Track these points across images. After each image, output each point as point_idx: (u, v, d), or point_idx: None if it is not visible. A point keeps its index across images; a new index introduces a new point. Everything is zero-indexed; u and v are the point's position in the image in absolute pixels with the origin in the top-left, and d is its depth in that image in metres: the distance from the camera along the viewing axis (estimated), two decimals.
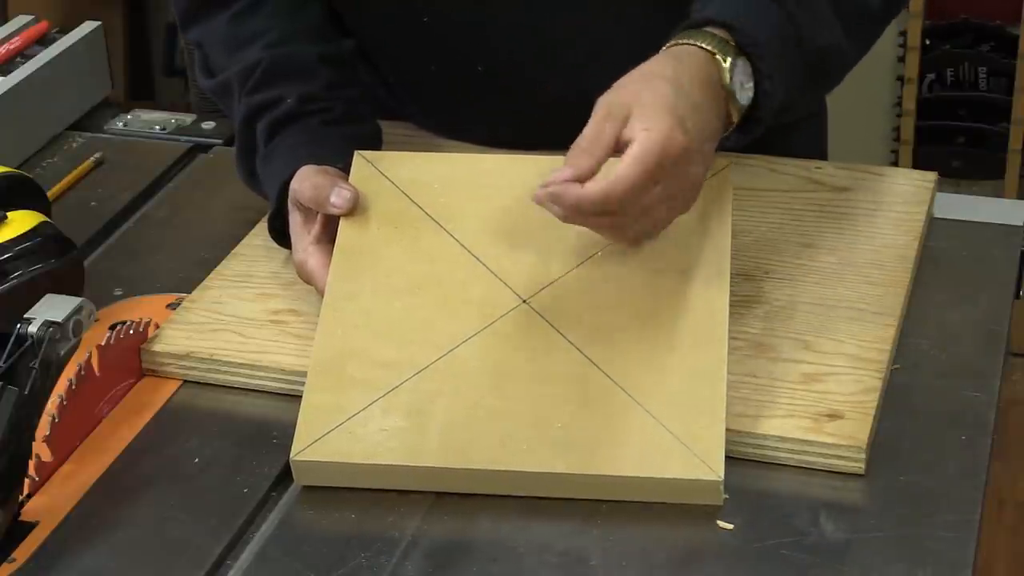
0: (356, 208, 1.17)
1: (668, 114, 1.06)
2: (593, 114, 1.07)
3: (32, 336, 1.03)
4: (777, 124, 1.18)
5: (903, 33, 2.94)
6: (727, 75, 1.11)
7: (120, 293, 1.28)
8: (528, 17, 1.28)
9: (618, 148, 1.06)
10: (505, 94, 1.33)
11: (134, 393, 1.17)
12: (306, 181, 1.18)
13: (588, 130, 1.07)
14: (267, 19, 1.32)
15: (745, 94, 1.12)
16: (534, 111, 1.32)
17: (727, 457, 1.03)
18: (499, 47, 1.30)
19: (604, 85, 1.13)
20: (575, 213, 1.06)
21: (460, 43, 1.32)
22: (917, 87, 2.95)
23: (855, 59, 1.25)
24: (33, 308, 1.05)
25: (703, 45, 1.11)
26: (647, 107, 1.06)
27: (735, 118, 1.13)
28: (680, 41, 1.12)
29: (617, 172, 1.05)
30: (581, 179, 1.05)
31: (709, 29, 1.13)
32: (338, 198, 1.17)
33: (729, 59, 1.11)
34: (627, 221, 1.08)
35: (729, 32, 1.12)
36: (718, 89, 1.11)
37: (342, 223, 1.18)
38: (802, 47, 1.16)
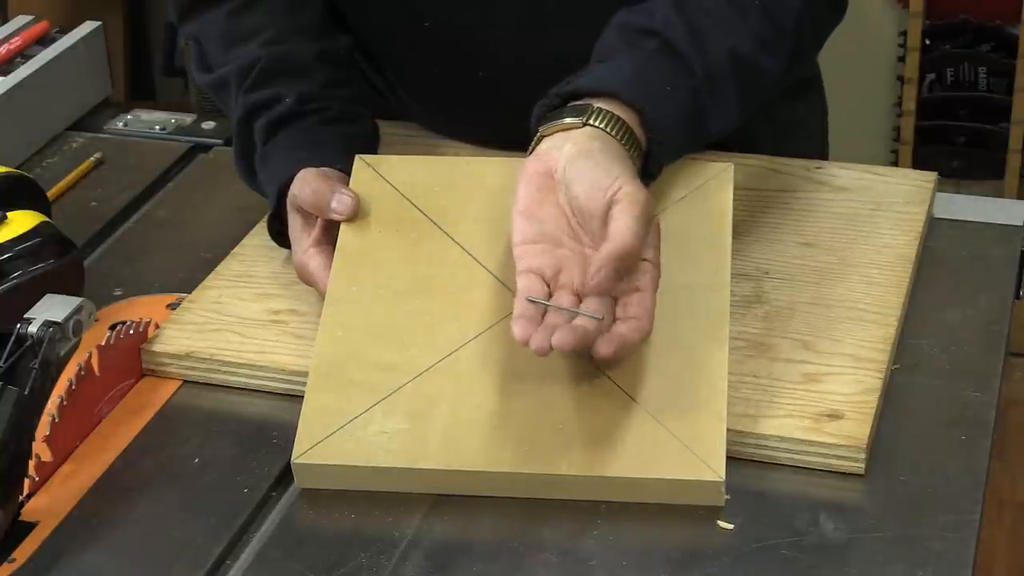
0: (357, 213, 1.17)
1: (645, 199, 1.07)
2: (637, 229, 1.05)
3: (32, 336, 1.03)
4: (771, 126, 1.18)
5: (903, 33, 2.94)
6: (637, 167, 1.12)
7: (120, 293, 1.28)
8: (529, 21, 1.28)
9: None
10: (506, 97, 1.33)
11: (134, 393, 1.17)
12: (306, 186, 1.18)
13: (635, 247, 1.04)
14: (265, 16, 1.31)
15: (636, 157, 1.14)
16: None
17: (727, 457, 1.03)
18: (500, 51, 1.30)
19: None
20: (624, 271, 1.04)
21: (462, 47, 1.32)
22: (917, 87, 2.96)
23: (775, 69, 1.24)
24: (33, 308, 1.05)
25: (618, 138, 1.11)
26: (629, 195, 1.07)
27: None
28: (595, 124, 1.11)
29: (618, 228, 1.04)
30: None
31: (615, 110, 1.12)
32: (339, 204, 1.17)
33: (637, 161, 1.12)
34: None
35: (636, 112, 1.13)
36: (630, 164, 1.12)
37: (343, 226, 1.18)
38: (702, 126, 1.18)
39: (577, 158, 1.09)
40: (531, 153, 1.13)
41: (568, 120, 1.12)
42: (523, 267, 1.07)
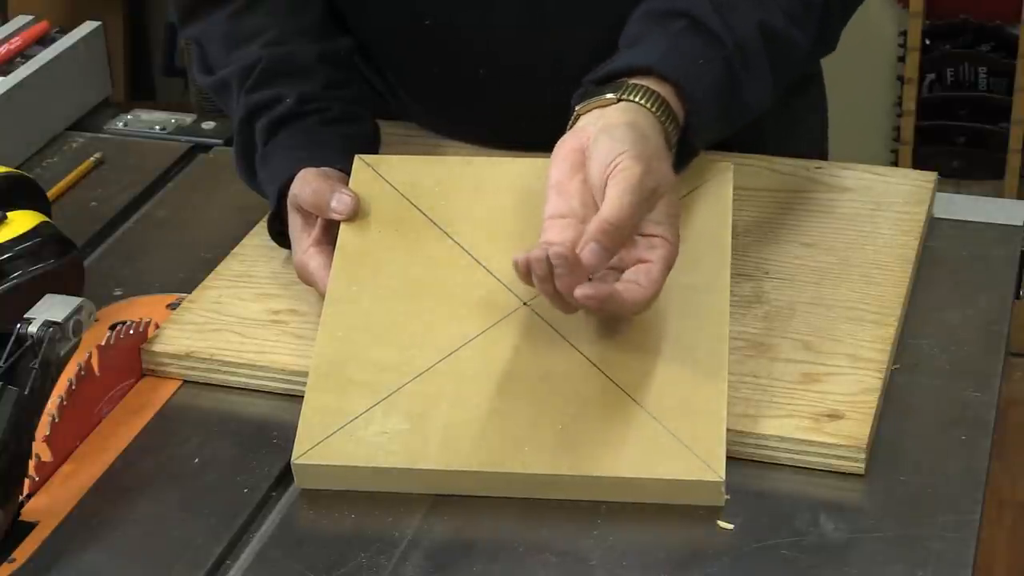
0: (356, 213, 1.18)
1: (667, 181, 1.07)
2: (635, 193, 1.04)
3: (32, 336, 1.03)
4: (771, 126, 1.18)
5: (903, 33, 2.94)
6: (672, 151, 1.12)
7: (120, 293, 1.28)
8: (530, 20, 1.28)
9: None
10: (507, 96, 1.33)
11: (134, 393, 1.17)
12: (307, 186, 1.18)
13: (629, 214, 1.04)
14: (266, 17, 1.31)
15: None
16: (536, 112, 1.32)
17: (727, 457, 1.03)
18: (501, 50, 1.30)
19: None
20: (608, 244, 1.03)
21: (462, 46, 1.32)
22: (917, 87, 2.96)
23: (803, 42, 1.24)
24: (33, 308, 1.05)
25: (655, 112, 1.11)
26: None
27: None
28: (630, 98, 1.11)
29: (606, 200, 1.04)
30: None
31: (651, 84, 1.12)
32: (339, 204, 1.17)
33: (674, 129, 1.12)
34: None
35: (672, 86, 1.13)
36: (669, 156, 1.12)
37: (343, 226, 1.18)
38: (737, 99, 1.18)
39: (601, 134, 1.08)
40: (569, 130, 1.13)
41: (606, 96, 1.12)
42: (543, 240, 1.07)
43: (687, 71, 1.14)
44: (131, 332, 1.17)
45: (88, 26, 1.60)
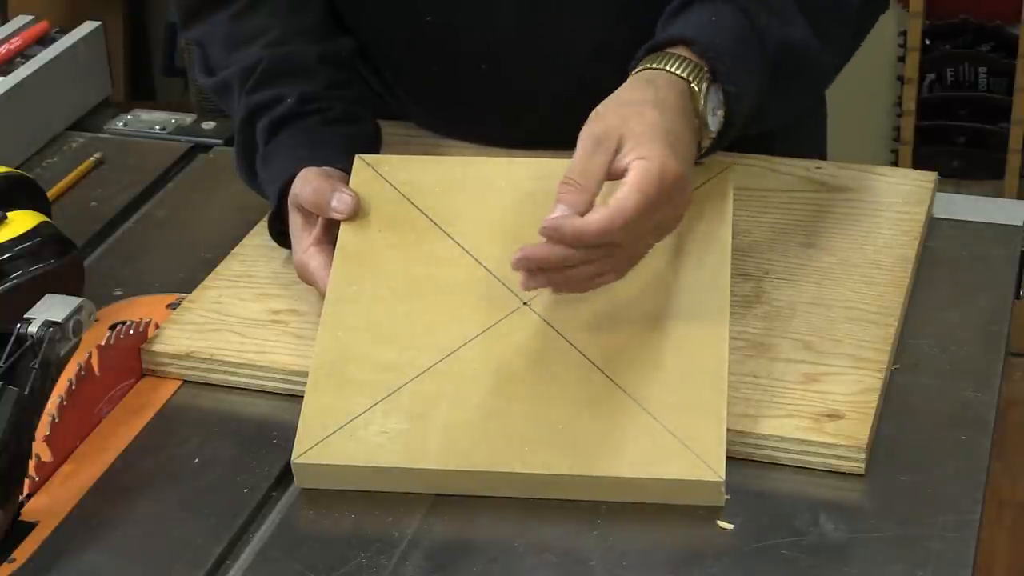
0: (357, 213, 1.18)
1: (661, 141, 1.05)
2: (579, 146, 1.05)
3: (32, 336, 1.03)
4: (759, 132, 1.17)
5: (903, 33, 2.94)
6: (701, 101, 1.10)
7: (120, 293, 1.28)
8: (531, 17, 1.28)
9: (610, 178, 1.05)
10: (507, 94, 1.33)
11: (134, 393, 1.17)
12: (307, 185, 1.18)
13: (577, 163, 1.04)
14: (267, 18, 1.32)
15: (716, 120, 1.12)
16: (536, 111, 1.32)
17: (727, 457, 1.03)
18: (501, 47, 1.30)
19: (606, 85, 1.13)
20: (576, 245, 1.03)
21: (462, 43, 1.32)
22: (917, 87, 2.96)
23: (831, 62, 1.23)
24: (33, 308, 1.05)
25: (675, 71, 1.11)
26: (639, 135, 1.05)
27: (704, 143, 1.13)
28: (650, 66, 1.11)
29: (618, 201, 1.03)
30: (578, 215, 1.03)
31: (672, 50, 1.12)
32: (339, 203, 1.17)
33: (704, 86, 1.11)
34: (621, 252, 1.07)
35: (690, 48, 1.12)
36: (692, 117, 1.11)
37: (343, 225, 1.18)
38: (764, 43, 1.15)
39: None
40: None
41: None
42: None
43: (700, 26, 1.13)
44: (131, 332, 1.17)
45: (88, 26, 1.60)
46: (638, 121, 1.06)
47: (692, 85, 1.10)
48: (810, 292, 1.19)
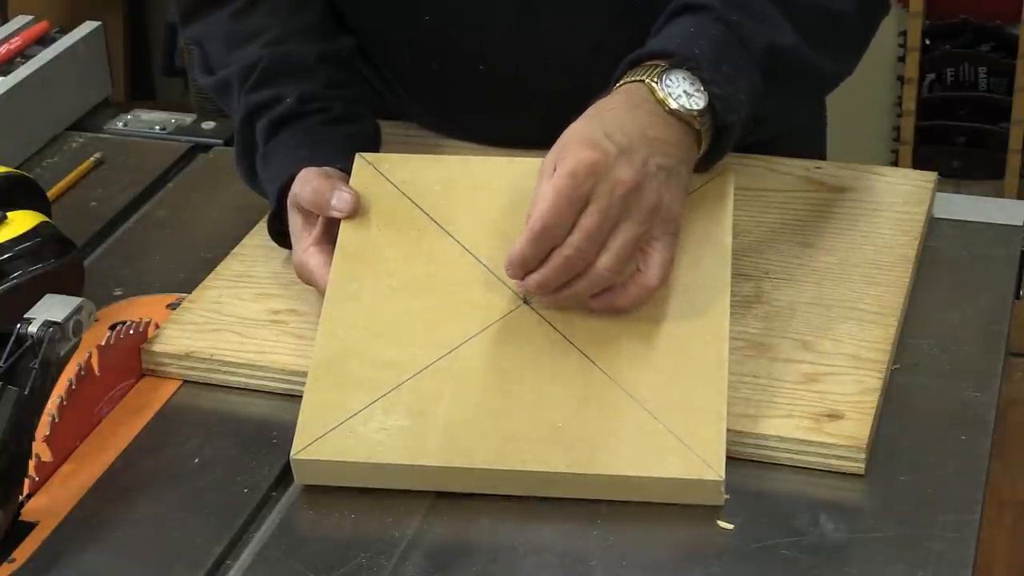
0: (357, 211, 1.18)
1: (578, 139, 1.08)
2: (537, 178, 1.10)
3: (32, 336, 1.03)
4: (770, 135, 1.17)
5: (903, 33, 2.95)
6: (658, 91, 1.11)
7: (120, 293, 1.28)
8: (530, 16, 1.28)
9: None
10: (506, 93, 1.33)
11: (134, 393, 1.17)
12: (307, 184, 1.18)
13: (534, 195, 1.08)
14: (267, 17, 1.32)
15: (694, 100, 1.12)
16: (535, 110, 1.32)
17: (727, 457, 1.03)
18: (500, 46, 1.31)
19: (604, 84, 1.13)
20: (521, 264, 1.07)
21: (461, 42, 1.32)
22: (917, 87, 2.96)
23: (829, 68, 1.23)
24: (33, 308, 1.05)
25: (632, 79, 1.12)
26: (563, 144, 1.09)
27: (697, 126, 1.12)
28: (627, 80, 1.13)
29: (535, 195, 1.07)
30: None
31: (646, 63, 1.13)
32: (339, 201, 1.17)
33: (657, 77, 1.11)
34: (591, 258, 1.07)
35: (666, 59, 1.13)
36: (651, 106, 1.11)
37: (343, 224, 1.18)
38: (749, 49, 1.15)
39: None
40: None
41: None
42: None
43: (680, 37, 1.14)
44: (131, 332, 1.17)
45: (88, 26, 1.60)
46: (566, 133, 1.10)
47: (645, 80, 1.11)
48: (810, 292, 1.19)
